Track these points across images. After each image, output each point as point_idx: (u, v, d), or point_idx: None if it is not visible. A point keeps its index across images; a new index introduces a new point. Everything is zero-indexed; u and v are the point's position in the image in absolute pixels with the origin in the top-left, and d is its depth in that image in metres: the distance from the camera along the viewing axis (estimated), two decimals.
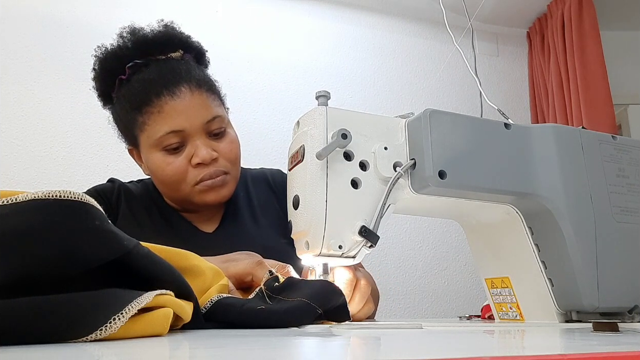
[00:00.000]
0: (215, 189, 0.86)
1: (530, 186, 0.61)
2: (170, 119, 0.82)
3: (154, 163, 0.85)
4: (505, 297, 0.68)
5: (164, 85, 0.83)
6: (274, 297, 0.52)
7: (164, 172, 0.84)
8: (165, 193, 0.91)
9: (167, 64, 0.87)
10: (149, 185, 0.98)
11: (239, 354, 0.26)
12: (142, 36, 0.88)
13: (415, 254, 2.11)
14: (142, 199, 0.94)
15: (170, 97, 0.82)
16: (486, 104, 0.90)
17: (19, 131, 1.73)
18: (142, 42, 0.88)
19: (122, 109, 0.88)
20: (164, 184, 0.87)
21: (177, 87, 0.83)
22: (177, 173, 0.84)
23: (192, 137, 0.84)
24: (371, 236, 0.57)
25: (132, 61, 0.86)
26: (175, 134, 0.83)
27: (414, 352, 0.28)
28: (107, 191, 0.93)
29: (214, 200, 0.86)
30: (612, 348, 0.28)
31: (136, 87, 0.85)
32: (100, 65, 0.89)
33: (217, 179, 0.85)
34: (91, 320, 0.31)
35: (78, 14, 1.88)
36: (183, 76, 0.85)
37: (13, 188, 0.52)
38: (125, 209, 0.91)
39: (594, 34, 2.14)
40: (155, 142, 0.84)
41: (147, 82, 0.84)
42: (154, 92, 0.83)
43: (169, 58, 0.88)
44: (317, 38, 2.21)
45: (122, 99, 0.87)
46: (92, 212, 0.34)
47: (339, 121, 0.59)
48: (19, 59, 1.77)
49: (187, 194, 0.86)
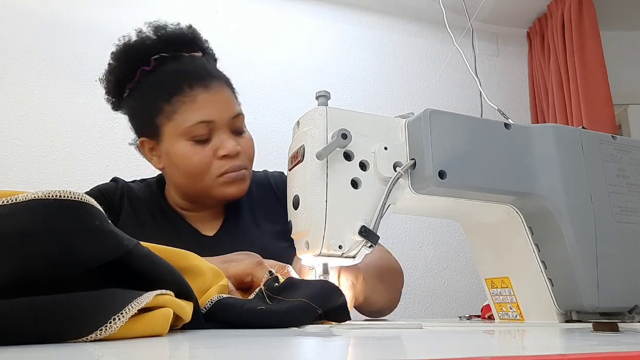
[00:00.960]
0: (237, 182, 0.87)
1: (530, 186, 0.61)
2: (202, 109, 0.84)
3: (180, 152, 0.85)
4: (505, 297, 0.68)
5: (197, 77, 0.86)
6: (273, 297, 0.52)
7: (191, 161, 0.85)
8: (184, 185, 0.90)
9: (194, 60, 0.90)
10: (152, 185, 0.98)
11: (239, 354, 0.26)
12: (166, 32, 0.90)
13: (415, 254, 2.11)
14: (145, 199, 0.94)
15: (203, 88, 0.85)
16: (486, 104, 0.90)
17: (19, 131, 1.73)
18: (166, 38, 0.90)
19: (144, 97, 0.88)
20: (187, 174, 0.87)
21: (210, 81, 0.86)
22: (203, 163, 0.85)
23: (219, 130, 0.86)
24: (371, 236, 0.57)
25: (158, 54, 0.88)
26: (205, 125, 0.84)
27: (414, 352, 0.28)
28: (110, 190, 0.93)
29: (234, 194, 0.87)
30: (612, 348, 0.28)
31: (166, 77, 0.87)
32: (122, 55, 0.90)
33: (240, 173, 0.87)
34: (91, 320, 0.31)
35: (78, 14, 1.88)
36: (213, 72, 0.89)
37: (13, 188, 0.52)
38: (128, 209, 0.91)
39: (594, 34, 2.14)
40: (184, 131, 0.84)
41: (179, 73, 0.86)
42: (187, 83, 0.85)
43: (193, 56, 0.91)
44: (317, 38, 2.21)
45: (145, 88, 0.88)
46: (92, 212, 0.34)
47: (339, 121, 0.59)
48: (19, 59, 1.77)
49: (208, 186, 0.86)
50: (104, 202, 0.90)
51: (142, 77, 0.88)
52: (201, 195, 0.89)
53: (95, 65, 1.85)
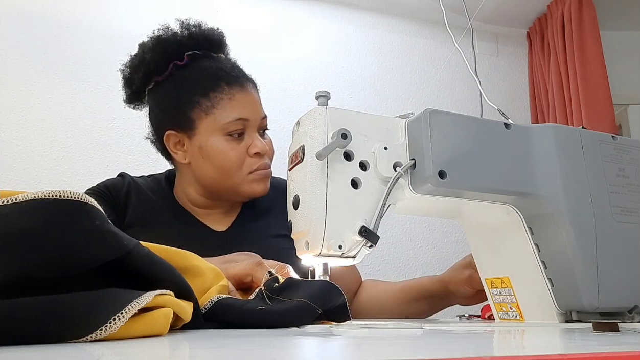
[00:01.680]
0: (264, 180, 0.90)
1: (530, 186, 0.61)
2: (240, 107, 0.88)
3: (216, 147, 0.88)
4: (505, 297, 0.68)
5: (234, 76, 0.90)
6: (273, 297, 0.52)
7: (227, 156, 0.87)
8: (214, 180, 0.90)
9: (229, 60, 0.95)
10: (161, 181, 0.99)
11: (239, 354, 0.26)
12: (198, 31, 0.94)
13: (415, 254, 2.11)
14: (154, 194, 0.95)
15: (240, 87, 0.89)
16: (486, 104, 0.90)
17: (19, 131, 1.73)
18: (197, 36, 0.93)
19: (178, 91, 0.90)
20: (220, 169, 0.88)
21: (245, 82, 0.91)
22: (238, 159, 0.88)
23: (251, 129, 0.89)
24: (371, 236, 0.57)
25: (190, 50, 0.91)
26: (241, 122, 0.88)
27: (414, 352, 0.28)
28: (117, 186, 0.94)
29: (261, 191, 0.90)
30: (612, 348, 0.28)
31: (204, 73, 0.90)
32: (156, 48, 0.92)
33: (268, 171, 0.91)
34: (91, 320, 0.31)
35: (78, 14, 1.88)
36: (246, 74, 0.93)
37: (13, 188, 0.52)
38: (135, 205, 0.91)
39: (594, 34, 2.14)
40: (221, 127, 0.87)
41: (218, 70, 0.90)
42: (225, 81, 0.89)
43: (219, 57, 0.94)
44: (317, 38, 2.21)
45: (179, 82, 0.90)
46: (92, 212, 0.34)
47: (339, 121, 0.59)
48: (19, 59, 1.77)
49: (238, 182, 0.89)
50: (109, 198, 0.90)
51: (175, 71, 0.91)
52: (228, 191, 0.90)
53: (95, 66, 1.86)
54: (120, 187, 0.93)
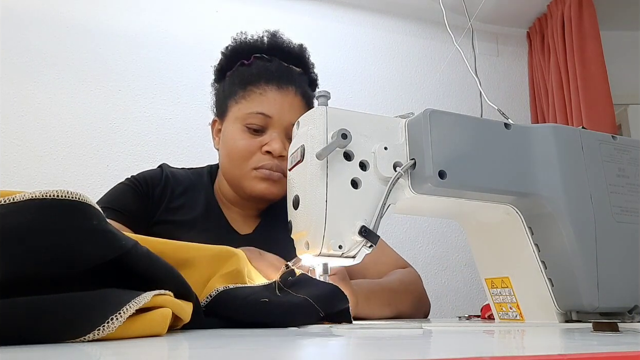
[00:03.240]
0: (268, 182, 0.88)
1: (530, 186, 0.61)
2: (266, 103, 0.89)
3: (231, 133, 0.90)
4: (505, 297, 0.68)
5: (277, 77, 0.91)
6: (284, 289, 0.52)
7: (235, 144, 0.89)
8: (225, 168, 0.94)
9: (288, 68, 0.96)
10: (204, 175, 1.00)
11: (239, 354, 0.26)
12: (280, 41, 0.98)
13: (415, 254, 2.11)
14: (193, 189, 0.95)
15: (276, 87, 0.90)
16: (486, 104, 0.90)
17: (19, 131, 1.73)
18: (276, 45, 0.97)
19: (230, 83, 0.95)
20: (229, 156, 0.90)
21: (287, 85, 0.92)
22: (246, 150, 0.88)
23: (274, 128, 0.89)
24: (371, 236, 0.57)
25: (261, 54, 0.95)
26: (262, 117, 0.88)
27: (414, 352, 0.28)
28: (155, 179, 0.94)
29: (262, 192, 0.89)
30: (612, 348, 0.28)
31: (253, 70, 0.93)
32: (233, 47, 0.98)
33: (275, 174, 0.88)
34: (89, 320, 0.31)
35: (78, 14, 1.88)
36: (296, 81, 0.94)
37: (13, 188, 0.52)
38: (170, 199, 0.92)
39: (594, 34, 2.14)
40: (242, 116, 0.89)
41: (264, 69, 0.92)
42: (265, 78, 0.91)
43: (290, 67, 0.96)
44: (317, 38, 2.21)
45: (235, 76, 0.95)
46: (89, 211, 0.34)
47: (339, 121, 0.59)
48: (19, 59, 1.77)
49: (243, 175, 0.89)
50: (144, 190, 0.91)
51: (239, 68, 0.95)
52: (235, 182, 0.91)
53: (96, 66, 1.86)
54: (157, 182, 0.94)
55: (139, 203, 0.89)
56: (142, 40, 1.88)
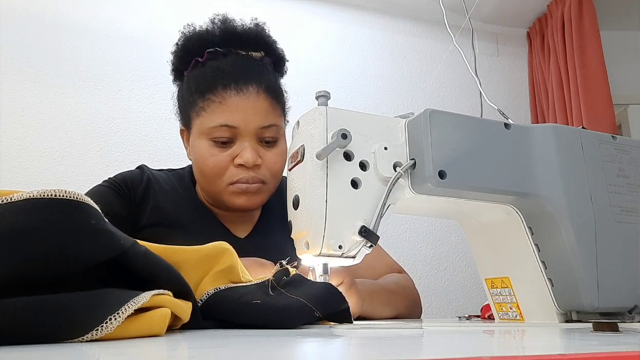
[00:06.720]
0: (247, 195, 0.84)
1: (530, 186, 0.61)
2: (228, 112, 0.82)
3: (199, 150, 0.85)
4: (505, 297, 0.68)
5: (233, 78, 0.84)
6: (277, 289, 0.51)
7: (205, 162, 0.84)
8: (200, 183, 0.90)
9: (244, 60, 0.88)
10: (185, 178, 0.96)
11: (239, 354, 0.26)
12: (232, 27, 0.90)
13: (415, 254, 2.11)
14: (176, 192, 0.92)
15: (235, 92, 0.83)
16: (486, 104, 0.90)
17: (19, 131, 1.73)
18: (229, 33, 0.89)
19: (187, 89, 0.89)
20: (201, 173, 0.86)
21: (246, 85, 0.84)
22: (217, 167, 0.83)
23: (243, 137, 0.83)
24: (371, 236, 0.57)
25: (214, 47, 0.88)
26: (227, 129, 0.82)
27: (414, 352, 0.28)
28: (135, 180, 0.91)
29: (242, 205, 0.85)
30: (612, 348, 0.28)
31: (207, 73, 0.86)
32: (183, 43, 0.91)
33: (253, 186, 0.84)
34: (87, 321, 0.30)
35: (78, 14, 1.88)
36: (255, 76, 0.86)
37: (13, 188, 0.52)
38: (155, 204, 0.88)
39: (594, 34, 2.14)
40: (206, 131, 0.83)
41: (218, 71, 0.85)
42: (222, 83, 0.83)
43: (248, 55, 0.89)
44: (317, 38, 2.21)
45: (191, 80, 0.88)
46: (87, 211, 0.34)
47: (339, 121, 0.59)
48: (19, 59, 1.77)
49: (220, 191, 0.85)
50: (124, 193, 0.88)
51: (194, 68, 0.89)
52: (214, 197, 0.88)
53: (96, 66, 1.86)
54: (138, 183, 0.90)
55: (123, 205, 0.86)
56: (142, 40, 1.88)
